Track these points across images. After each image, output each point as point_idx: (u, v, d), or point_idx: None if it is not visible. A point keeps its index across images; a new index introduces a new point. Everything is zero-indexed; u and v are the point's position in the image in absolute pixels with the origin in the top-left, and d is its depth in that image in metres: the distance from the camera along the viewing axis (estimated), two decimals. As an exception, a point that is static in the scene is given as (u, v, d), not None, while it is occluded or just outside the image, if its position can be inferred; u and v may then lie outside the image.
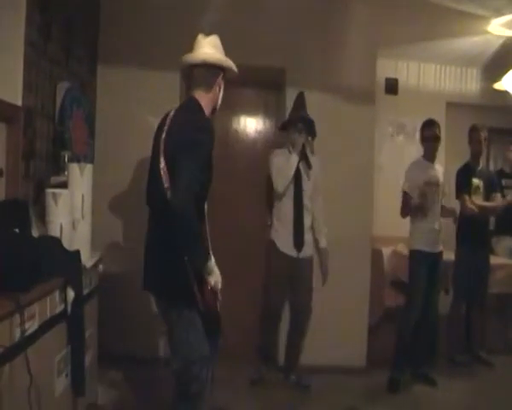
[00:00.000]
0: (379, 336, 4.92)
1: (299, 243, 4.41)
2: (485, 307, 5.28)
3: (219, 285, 2.70)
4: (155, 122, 4.72)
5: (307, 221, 4.47)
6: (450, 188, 5.13)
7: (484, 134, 5.06)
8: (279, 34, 4.75)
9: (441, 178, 4.75)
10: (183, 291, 2.58)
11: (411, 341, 4.59)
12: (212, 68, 2.80)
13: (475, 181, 5.02)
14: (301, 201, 4.42)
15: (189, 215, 2.43)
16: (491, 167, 6.63)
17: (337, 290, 4.75)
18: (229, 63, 2.87)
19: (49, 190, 3.00)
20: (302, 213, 4.43)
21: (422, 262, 4.59)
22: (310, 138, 4.50)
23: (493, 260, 5.31)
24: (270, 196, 4.66)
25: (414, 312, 4.56)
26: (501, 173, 5.86)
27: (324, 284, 4.67)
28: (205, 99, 2.79)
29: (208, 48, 2.82)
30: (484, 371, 5.04)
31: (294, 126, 4.38)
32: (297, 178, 4.39)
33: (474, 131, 5.11)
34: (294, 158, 4.35)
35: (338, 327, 4.78)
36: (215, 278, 2.66)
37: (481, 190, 5.03)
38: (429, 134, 4.68)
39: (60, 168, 3.52)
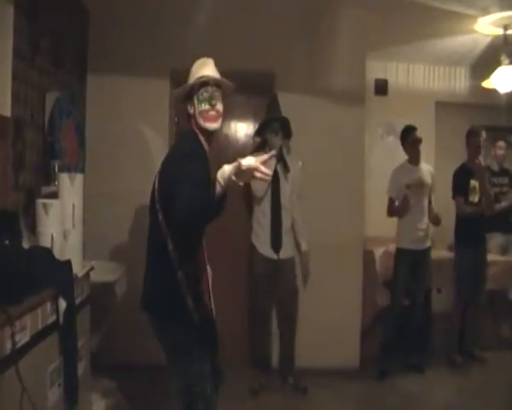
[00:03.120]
0: (372, 337, 4.95)
1: (276, 244, 4.44)
2: (480, 303, 5.32)
3: (245, 166, 2.20)
4: (145, 131, 4.77)
5: (286, 223, 4.49)
6: (442, 187, 5.18)
7: (482, 138, 5.09)
8: (268, 38, 4.79)
9: (427, 179, 4.91)
10: (177, 307, 2.54)
11: (400, 334, 4.85)
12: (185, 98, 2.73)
13: (472, 182, 5.09)
14: (279, 203, 4.44)
15: (195, 218, 2.30)
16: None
17: (330, 292, 4.80)
18: (192, 82, 2.68)
19: (40, 201, 3.01)
20: (280, 215, 4.45)
21: (406, 259, 4.83)
22: (286, 139, 4.50)
23: (485, 257, 5.33)
24: (249, 201, 4.71)
25: (396, 306, 4.85)
26: (489, 170, 5.86)
27: (305, 285, 4.76)
28: (194, 124, 2.70)
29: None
30: (477, 368, 5.06)
31: (270, 128, 4.39)
32: (274, 180, 4.38)
33: (472, 135, 5.13)
34: (272, 161, 4.30)
35: (331, 328, 4.80)
36: (233, 172, 2.22)
37: (477, 190, 5.11)
38: (413, 138, 4.91)
39: (50, 178, 3.53)
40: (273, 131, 4.38)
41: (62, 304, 2.74)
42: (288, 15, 4.85)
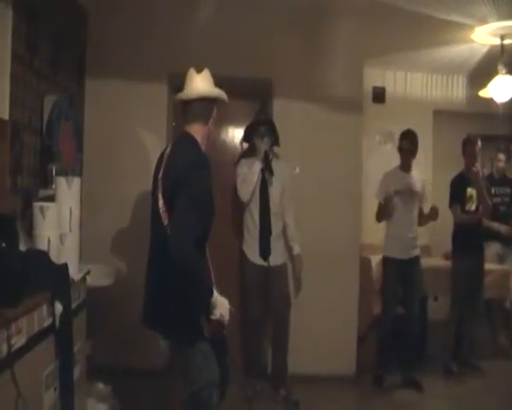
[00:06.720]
0: (368, 345, 4.93)
1: (264, 251, 4.37)
2: (477, 312, 5.30)
3: (226, 316, 2.69)
4: (143, 134, 4.76)
5: (276, 228, 4.43)
6: (440, 195, 5.18)
7: (478, 146, 5.12)
8: (266, 45, 4.79)
9: (417, 188, 4.87)
10: (189, 324, 2.65)
11: (396, 345, 4.77)
12: (207, 102, 2.84)
13: (469, 191, 5.10)
14: (268, 208, 4.39)
15: (190, 260, 2.51)
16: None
17: (326, 299, 4.79)
18: (223, 96, 2.90)
19: (37, 204, 3.00)
20: (269, 220, 4.39)
21: (394, 269, 4.79)
22: (273, 145, 4.46)
23: (482, 265, 5.33)
24: (236, 208, 4.68)
25: (388, 316, 4.79)
26: (491, 180, 5.86)
27: (298, 291, 4.74)
28: (201, 132, 2.83)
29: (202, 82, 2.84)
30: (473, 377, 5.04)
31: (257, 132, 4.38)
32: (262, 185, 4.37)
33: (467, 143, 5.17)
34: (257, 165, 4.33)
35: (327, 336, 4.80)
36: (220, 311, 2.65)
37: (474, 198, 5.12)
38: (401, 146, 4.89)
39: (48, 182, 3.52)
40: (259, 135, 4.36)
41: (59, 307, 2.72)
42: (286, 23, 4.86)
